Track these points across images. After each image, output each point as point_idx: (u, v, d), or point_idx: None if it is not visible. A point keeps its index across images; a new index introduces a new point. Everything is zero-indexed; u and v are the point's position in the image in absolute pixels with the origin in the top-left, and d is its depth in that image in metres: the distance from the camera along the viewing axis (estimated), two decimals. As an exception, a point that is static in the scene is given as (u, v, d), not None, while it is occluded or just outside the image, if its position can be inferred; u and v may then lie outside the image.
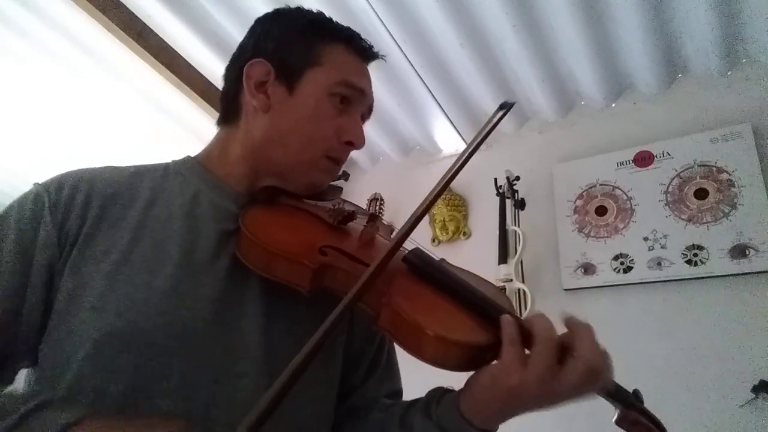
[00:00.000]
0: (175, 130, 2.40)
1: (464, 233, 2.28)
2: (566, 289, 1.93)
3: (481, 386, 0.58)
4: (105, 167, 0.73)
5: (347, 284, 0.61)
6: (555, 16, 1.74)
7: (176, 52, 2.05)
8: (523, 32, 1.78)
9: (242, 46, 0.80)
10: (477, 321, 0.60)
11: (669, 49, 1.84)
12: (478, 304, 0.62)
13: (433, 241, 2.31)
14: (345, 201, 0.85)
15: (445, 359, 0.57)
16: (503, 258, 1.99)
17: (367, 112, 0.82)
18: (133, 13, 1.91)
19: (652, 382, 1.70)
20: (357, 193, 2.51)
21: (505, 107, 0.68)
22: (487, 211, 2.17)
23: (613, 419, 0.63)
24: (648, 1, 1.64)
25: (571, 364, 0.54)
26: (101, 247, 0.63)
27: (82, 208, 0.65)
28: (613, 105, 2.08)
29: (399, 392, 0.82)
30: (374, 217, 0.76)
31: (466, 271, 0.75)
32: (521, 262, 2.00)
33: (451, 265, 0.73)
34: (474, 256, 2.12)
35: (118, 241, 0.64)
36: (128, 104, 2.30)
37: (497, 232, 2.05)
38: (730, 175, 1.75)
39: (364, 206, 2.44)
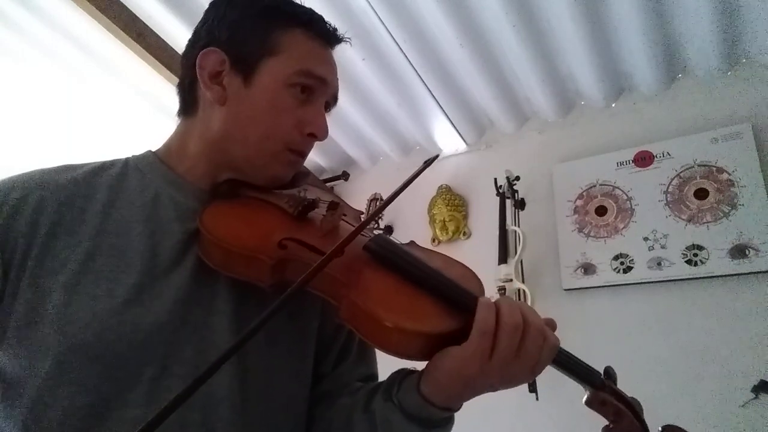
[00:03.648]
0: (175, 130, 2.39)
1: (464, 233, 2.28)
2: (566, 289, 1.93)
3: (442, 370, 0.56)
4: (61, 167, 0.70)
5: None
6: (555, 16, 1.74)
7: (176, 52, 2.05)
8: (523, 32, 1.78)
9: (196, 33, 0.75)
10: (441, 307, 0.58)
11: (669, 49, 1.84)
12: (443, 289, 0.59)
13: (433, 241, 2.31)
14: (312, 186, 0.80)
15: (407, 350, 0.56)
16: (503, 258, 1.99)
17: (332, 101, 0.77)
18: (133, 13, 1.91)
19: (652, 382, 1.71)
20: (357, 193, 2.51)
21: (428, 162, 0.69)
22: (487, 211, 2.17)
23: (583, 401, 0.62)
24: (648, 1, 1.64)
25: (529, 345, 0.55)
26: (59, 256, 0.61)
27: (33, 214, 0.62)
28: (613, 105, 2.08)
29: (374, 376, 0.80)
30: (335, 205, 0.72)
31: (437, 253, 0.73)
32: (521, 262, 2.00)
33: (422, 248, 0.71)
34: (474, 256, 2.11)
35: (76, 250, 0.61)
36: (128, 104, 2.30)
37: (497, 232, 2.05)
38: (730, 175, 1.75)
39: (364, 206, 2.44)
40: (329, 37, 0.75)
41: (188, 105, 0.75)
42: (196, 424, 0.58)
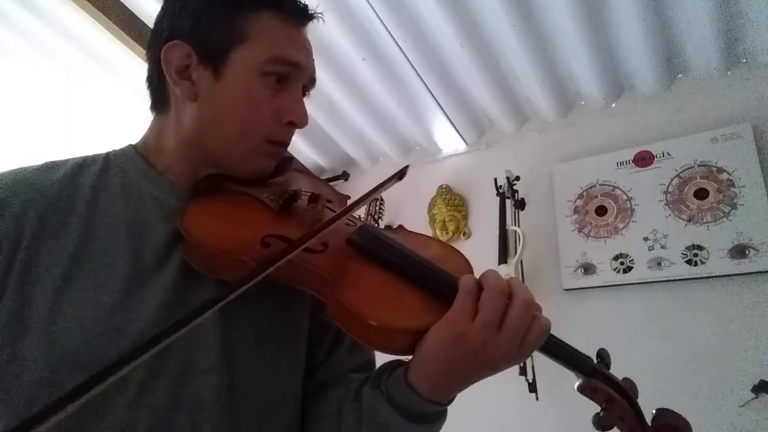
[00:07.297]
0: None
1: (464, 233, 2.28)
2: (566, 289, 1.93)
3: (427, 343, 0.55)
4: (42, 166, 0.68)
5: (295, 272, 0.59)
6: (555, 16, 1.74)
7: (176, 52, 2.05)
8: (523, 32, 1.78)
9: (157, 24, 0.70)
10: (428, 299, 0.57)
11: (669, 49, 1.84)
12: (429, 280, 0.59)
13: (433, 241, 2.31)
14: (297, 173, 0.77)
15: (395, 347, 0.55)
16: (503, 258, 1.99)
17: (309, 83, 0.73)
18: (133, 13, 1.91)
19: (652, 382, 1.71)
20: (357, 193, 2.47)
21: (402, 174, 0.67)
22: (487, 211, 2.17)
23: (575, 387, 0.61)
24: (648, 1, 1.64)
25: (512, 310, 0.55)
26: (44, 262, 0.59)
27: (17, 216, 0.60)
28: (613, 105, 2.08)
29: (370, 362, 0.77)
30: (315, 197, 0.69)
31: (424, 236, 0.71)
32: (521, 262, 2.00)
33: (411, 232, 0.70)
34: (474, 256, 2.08)
35: (61, 255, 0.59)
36: (128, 104, 2.30)
37: (497, 232, 2.05)
38: (730, 175, 1.75)
39: (364, 206, 2.44)
40: (301, 15, 0.70)
41: (159, 101, 0.71)
42: (183, 424, 0.57)
